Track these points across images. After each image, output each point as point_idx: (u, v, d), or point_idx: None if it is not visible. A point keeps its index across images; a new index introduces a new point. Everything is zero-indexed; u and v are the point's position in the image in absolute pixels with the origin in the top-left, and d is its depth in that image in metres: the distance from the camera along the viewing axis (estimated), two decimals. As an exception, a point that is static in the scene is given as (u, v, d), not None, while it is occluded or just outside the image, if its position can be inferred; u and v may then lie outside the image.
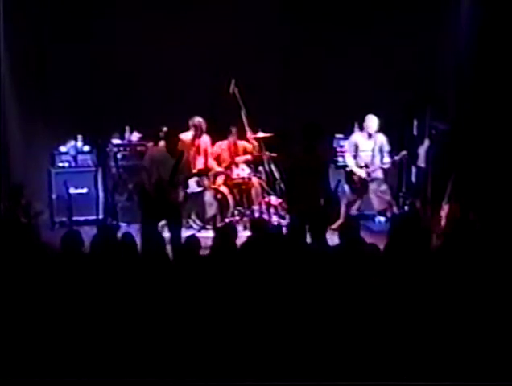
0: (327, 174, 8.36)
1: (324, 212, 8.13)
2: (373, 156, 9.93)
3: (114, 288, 5.20)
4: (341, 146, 10.58)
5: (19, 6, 9.93)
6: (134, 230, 7.92)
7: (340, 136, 10.74)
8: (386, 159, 9.89)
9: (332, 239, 7.41)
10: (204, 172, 10.13)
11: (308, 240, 7.44)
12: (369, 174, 9.91)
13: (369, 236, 7.44)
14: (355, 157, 9.97)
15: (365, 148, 9.93)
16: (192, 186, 9.86)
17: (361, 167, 9.92)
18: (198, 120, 9.94)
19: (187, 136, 9.85)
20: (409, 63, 10.54)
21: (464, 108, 9.42)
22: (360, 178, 9.92)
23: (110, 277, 5.33)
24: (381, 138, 9.91)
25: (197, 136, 9.97)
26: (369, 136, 9.90)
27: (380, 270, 5.37)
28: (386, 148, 9.91)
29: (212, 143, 10.37)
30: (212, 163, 10.25)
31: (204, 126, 9.97)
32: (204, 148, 10.13)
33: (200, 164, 10.09)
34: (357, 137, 10.06)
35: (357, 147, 9.97)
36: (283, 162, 9.23)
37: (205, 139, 10.14)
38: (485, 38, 8.95)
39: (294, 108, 11.01)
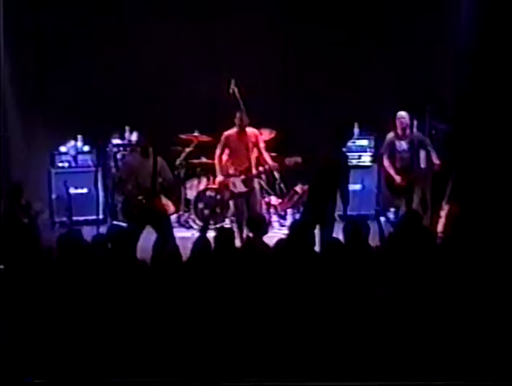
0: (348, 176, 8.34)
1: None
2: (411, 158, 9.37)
3: (114, 288, 5.20)
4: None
5: (20, 5, 9.93)
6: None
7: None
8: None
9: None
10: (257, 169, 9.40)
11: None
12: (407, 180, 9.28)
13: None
14: (392, 159, 9.39)
15: (402, 148, 9.38)
16: (239, 185, 9.29)
17: (398, 173, 9.35)
18: (238, 114, 9.26)
19: (231, 132, 9.36)
20: (409, 63, 10.54)
21: (464, 108, 9.41)
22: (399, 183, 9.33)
23: (112, 278, 5.34)
24: (419, 136, 9.36)
25: (241, 130, 9.25)
26: (403, 135, 9.35)
27: (380, 270, 5.38)
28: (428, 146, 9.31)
29: (215, 144, 10.32)
30: (266, 156, 9.41)
31: (244, 120, 9.22)
32: (253, 141, 9.31)
33: (246, 160, 9.31)
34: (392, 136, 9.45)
35: (393, 147, 9.41)
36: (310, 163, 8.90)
37: (253, 132, 9.34)
38: (485, 37, 8.94)
39: (294, 109, 11.03)
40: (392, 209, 10.28)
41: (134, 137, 10.58)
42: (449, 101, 9.93)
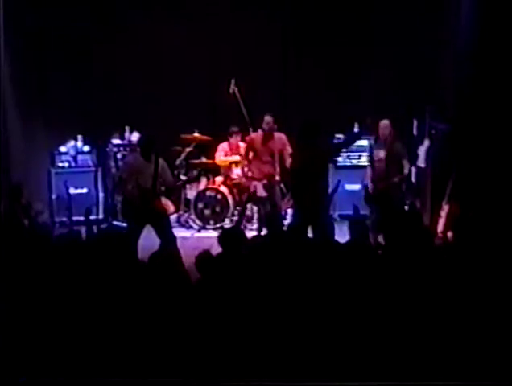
0: (326, 172, 8.31)
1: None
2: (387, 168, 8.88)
3: (114, 287, 5.20)
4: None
5: (20, 5, 9.93)
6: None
7: (340, 136, 10.73)
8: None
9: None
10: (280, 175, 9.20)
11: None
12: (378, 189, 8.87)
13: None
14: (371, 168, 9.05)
15: (379, 157, 8.95)
16: (260, 190, 9.19)
17: (373, 181, 8.97)
18: (266, 118, 9.14)
19: (257, 135, 9.29)
20: (409, 63, 10.55)
21: (464, 108, 9.42)
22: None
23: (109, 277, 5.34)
24: (398, 146, 8.96)
25: (266, 135, 9.15)
26: (384, 144, 8.92)
27: (380, 270, 5.38)
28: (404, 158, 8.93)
29: (215, 144, 10.35)
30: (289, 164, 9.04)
31: (271, 124, 9.12)
32: (279, 148, 9.15)
33: (269, 165, 9.19)
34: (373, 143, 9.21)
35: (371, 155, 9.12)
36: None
37: (280, 137, 9.16)
38: (485, 37, 8.95)
39: (294, 108, 11.03)
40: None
41: (134, 137, 10.59)
42: (449, 101, 9.94)
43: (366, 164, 10.34)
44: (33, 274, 5.40)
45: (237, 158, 10.04)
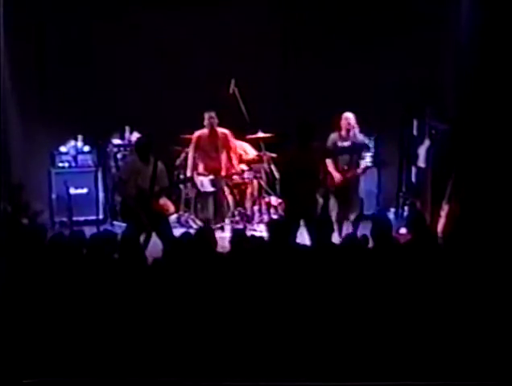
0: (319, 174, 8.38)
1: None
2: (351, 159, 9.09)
3: (116, 289, 5.20)
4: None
5: (20, 4, 9.93)
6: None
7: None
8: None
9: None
10: (225, 170, 9.77)
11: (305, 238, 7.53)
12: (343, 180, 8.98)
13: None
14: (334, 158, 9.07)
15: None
16: (206, 184, 9.63)
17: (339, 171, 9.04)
18: (208, 114, 9.70)
19: (203, 132, 9.70)
20: (409, 64, 10.54)
21: (464, 108, 9.42)
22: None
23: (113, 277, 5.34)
24: (360, 138, 9.23)
25: (211, 131, 9.69)
26: (347, 136, 9.11)
27: (383, 268, 5.38)
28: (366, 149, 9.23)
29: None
30: (233, 159, 9.84)
31: (214, 121, 9.68)
32: (223, 142, 9.73)
33: (215, 161, 9.74)
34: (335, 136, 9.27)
35: (335, 148, 9.13)
36: (279, 162, 9.19)
37: (223, 132, 9.75)
38: (485, 38, 8.95)
39: (294, 108, 11.02)
40: (392, 209, 10.30)
41: (134, 137, 10.58)
42: (449, 101, 9.93)
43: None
44: (32, 274, 5.40)
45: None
